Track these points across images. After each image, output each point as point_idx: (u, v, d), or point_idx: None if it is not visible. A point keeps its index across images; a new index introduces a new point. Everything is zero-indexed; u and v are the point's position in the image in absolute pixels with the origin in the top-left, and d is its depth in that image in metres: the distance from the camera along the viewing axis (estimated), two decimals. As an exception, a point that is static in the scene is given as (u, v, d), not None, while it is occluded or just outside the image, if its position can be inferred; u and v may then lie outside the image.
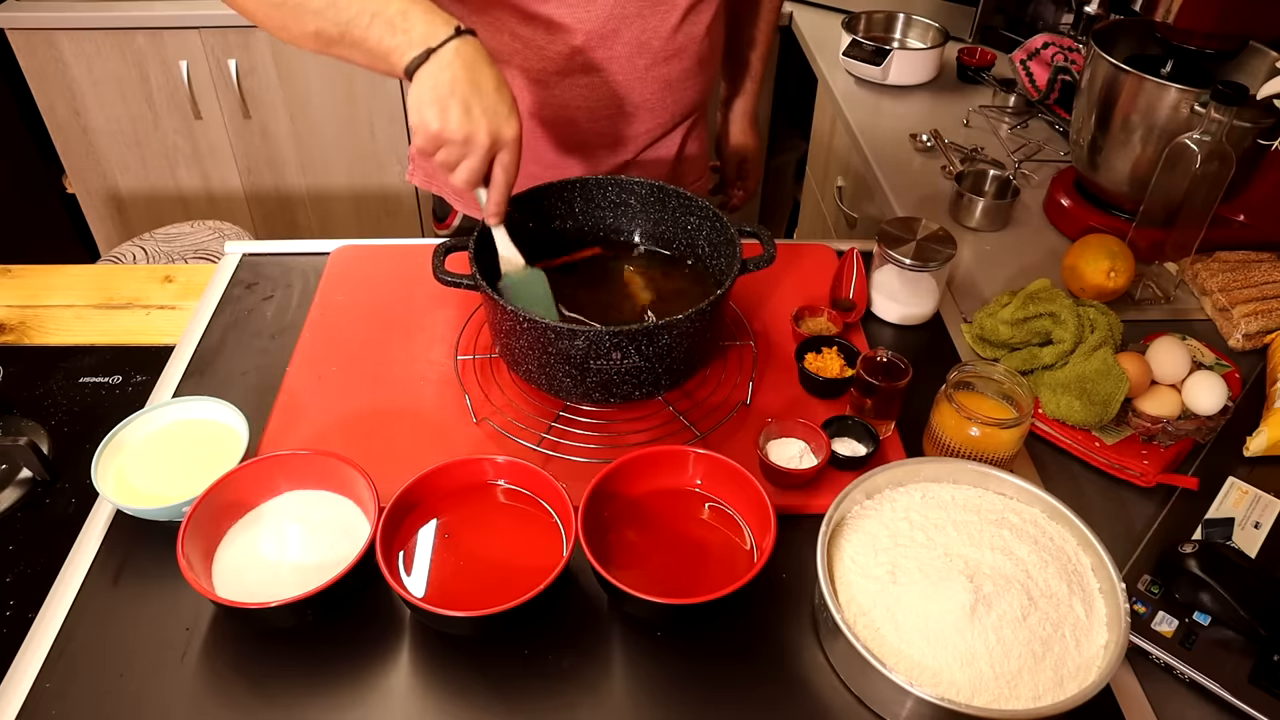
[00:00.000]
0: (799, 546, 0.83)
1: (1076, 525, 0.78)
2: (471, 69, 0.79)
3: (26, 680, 0.74)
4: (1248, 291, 1.12)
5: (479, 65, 0.80)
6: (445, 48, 0.79)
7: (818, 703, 0.74)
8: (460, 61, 0.79)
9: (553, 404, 0.95)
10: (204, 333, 1.08)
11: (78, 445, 0.95)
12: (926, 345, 1.09)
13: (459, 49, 0.79)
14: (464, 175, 0.83)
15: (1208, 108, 1.02)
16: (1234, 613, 0.77)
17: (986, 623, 0.70)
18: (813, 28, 2.03)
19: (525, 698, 0.73)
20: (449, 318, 1.07)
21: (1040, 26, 1.84)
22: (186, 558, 0.74)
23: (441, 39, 0.79)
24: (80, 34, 2.17)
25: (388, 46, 0.80)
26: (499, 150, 0.82)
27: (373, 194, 2.51)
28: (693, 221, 1.01)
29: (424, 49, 0.79)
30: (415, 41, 0.79)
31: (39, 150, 2.40)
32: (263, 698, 0.73)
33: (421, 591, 0.76)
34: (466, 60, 0.79)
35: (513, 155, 0.83)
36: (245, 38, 2.20)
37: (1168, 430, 0.92)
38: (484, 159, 0.82)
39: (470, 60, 0.79)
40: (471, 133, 0.80)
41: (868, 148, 1.56)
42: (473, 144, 0.80)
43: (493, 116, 0.80)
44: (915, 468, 0.83)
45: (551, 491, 0.81)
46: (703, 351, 0.92)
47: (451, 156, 0.82)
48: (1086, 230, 1.24)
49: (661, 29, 1.06)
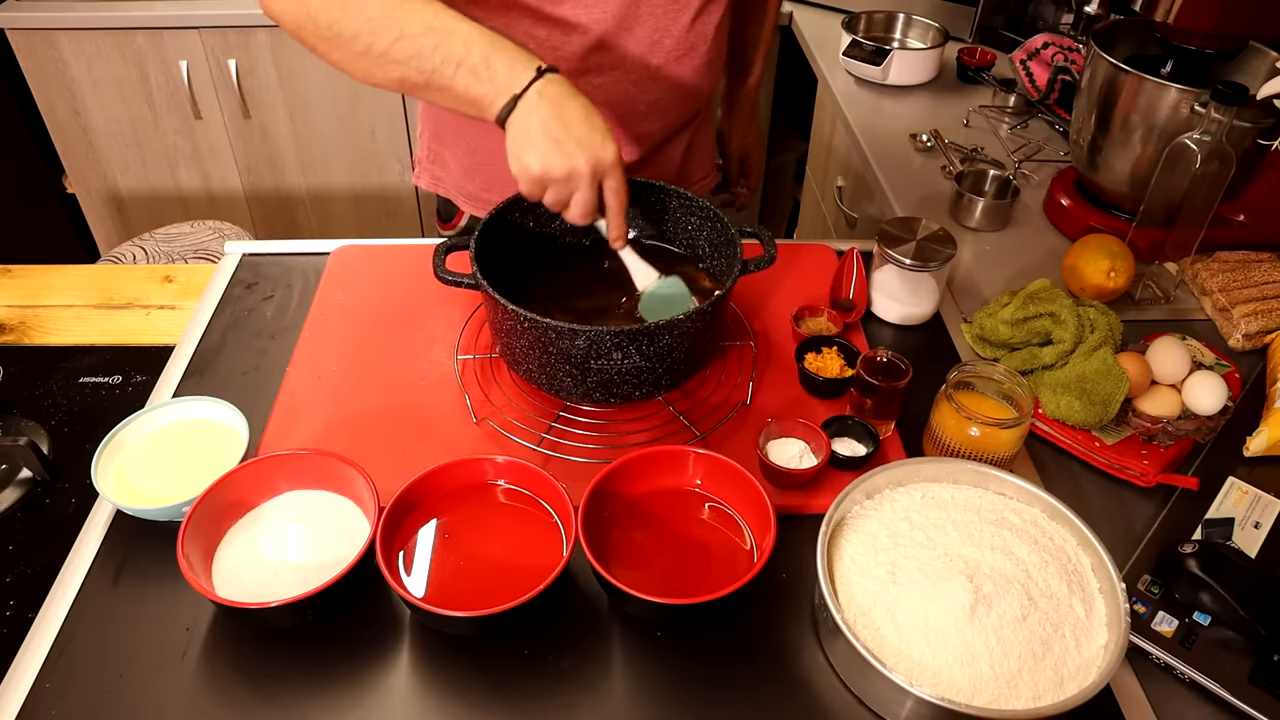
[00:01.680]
0: (799, 546, 0.83)
1: (1076, 525, 0.78)
2: (557, 106, 0.80)
3: (26, 680, 0.74)
4: (1248, 291, 1.12)
5: (564, 101, 0.81)
6: (529, 91, 0.80)
7: (818, 703, 0.74)
8: (545, 102, 0.80)
9: (553, 404, 0.95)
10: (204, 333, 1.08)
11: (78, 445, 0.95)
12: (926, 345, 1.09)
13: (542, 90, 0.80)
14: (579, 210, 0.84)
15: (1208, 108, 1.02)
16: (1234, 613, 0.77)
17: (986, 623, 0.70)
18: (813, 28, 2.03)
19: (525, 698, 0.73)
20: (449, 318, 1.07)
21: (1040, 26, 1.84)
22: (186, 558, 0.74)
23: (525, 83, 0.80)
24: (80, 34, 2.17)
25: (475, 95, 0.81)
26: (603, 176, 0.83)
27: (373, 194, 2.51)
28: (693, 222, 1.01)
29: (510, 96, 0.80)
30: (501, 89, 0.80)
31: (39, 150, 2.40)
32: (263, 698, 0.73)
33: (421, 591, 0.76)
34: (551, 99, 0.80)
35: (618, 178, 0.84)
36: (245, 38, 2.20)
37: (1168, 430, 0.92)
38: (592, 189, 0.83)
39: (555, 98, 0.80)
40: (572, 167, 0.80)
41: (868, 148, 1.56)
42: (575, 177, 0.81)
43: (588, 146, 0.81)
44: (915, 468, 0.83)
45: (551, 491, 0.81)
46: (703, 351, 0.92)
47: (560, 195, 0.83)
48: (1086, 230, 1.24)
49: (674, 28, 1.07)
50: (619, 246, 0.90)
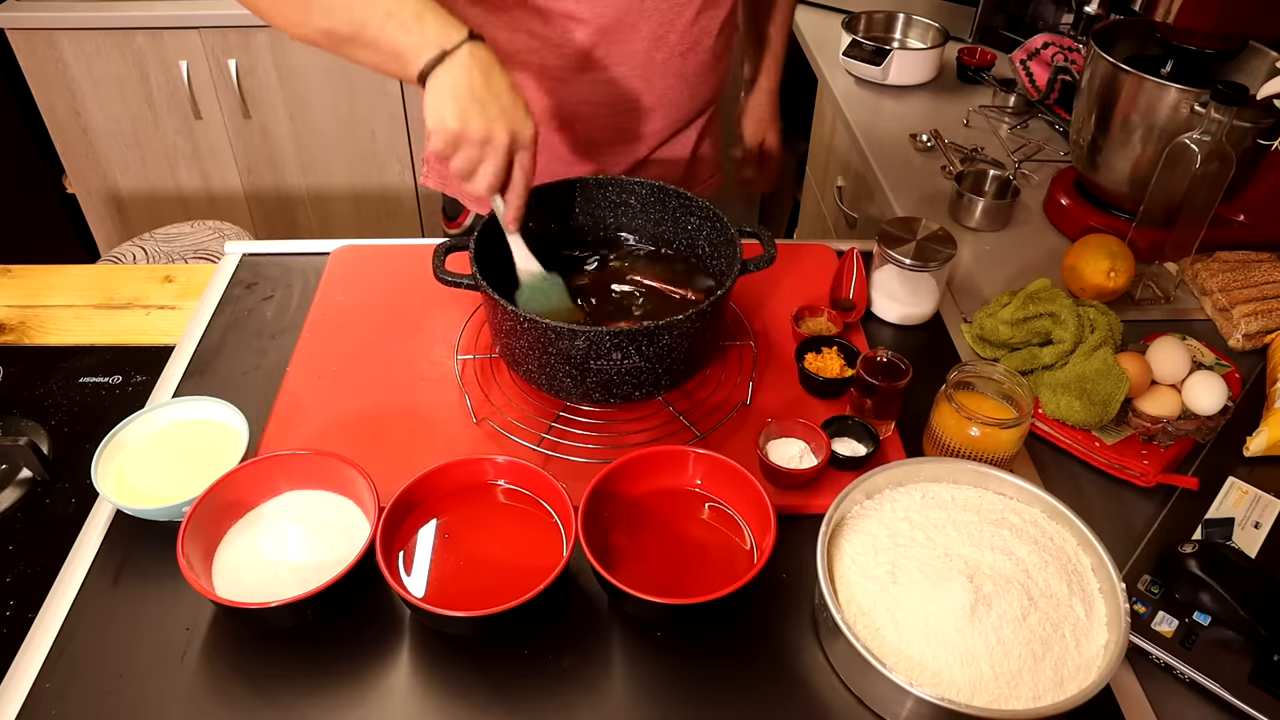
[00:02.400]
0: (799, 546, 0.83)
1: (1076, 525, 0.78)
2: (486, 72, 0.80)
3: (26, 680, 0.74)
4: (1248, 291, 1.12)
5: (493, 69, 0.81)
6: (459, 50, 0.79)
7: (818, 703, 0.74)
8: (475, 64, 0.80)
9: (553, 404, 0.95)
10: (204, 333, 1.08)
11: (78, 445, 0.95)
12: (926, 345, 1.09)
13: (473, 52, 0.80)
14: (485, 179, 0.83)
15: (1208, 108, 1.02)
16: (1234, 613, 0.77)
17: (986, 623, 0.70)
18: (813, 28, 2.03)
19: (525, 698, 0.73)
20: (449, 318, 1.07)
21: (1040, 26, 1.84)
22: (186, 558, 0.74)
23: (456, 42, 0.79)
24: (80, 34, 2.17)
25: (401, 45, 0.80)
26: (517, 150, 0.82)
27: (373, 194, 2.51)
28: (693, 221, 1.01)
29: (439, 50, 0.79)
30: (429, 43, 0.79)
31: (39, 150, 2.40)
32: (263, 698, 0.73)
33: (421, 591, 0.76)
34: (481, 63, 0.80)
35: (531, 156, 0.84)
36: (245, 38, 2.20)
37: (1168, 430, 0.92)
38: (504, 161, 0.82)
39: (485, 63, 0.80)
40: (490, 132, 0.80)
41: (868, 148, 1.56)
42: (492, 143, 0.80)
43: (510, 117, 0.80)
44: (915, 468, 0.83)
45: (551, 491, 0.80)
46: (703, 352, 0.92)
47: (470, 160, 0.82)
48: (1086, 230, 1.24)
49: (678, 23, 1.06)
50: (512, 230, 0.89)
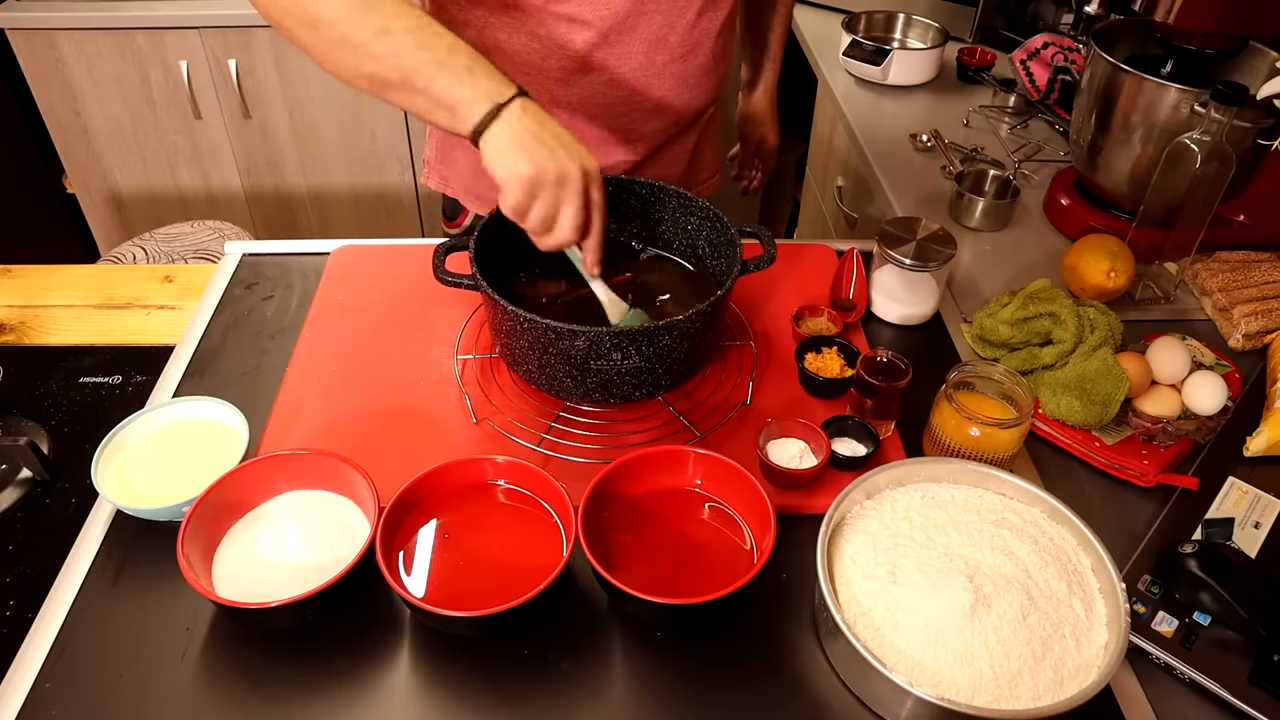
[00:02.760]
0: (799, 546, 0.83)
1: (1076, 525, 0.78)
2: (541, 121, 0.80)
3: (26, 680, 0.74)
4: (1248, 291, 1.12)
5: (545, 117, 0.81)
6: (513, 104, 0.79)
7: (818, 703, 0.74)
8: (529, 115, 0.80)
9: (553, 404, 0.95)
10: (204, 333, 1.08)
11: (78, 445, 0.95)
12: (926, 345, 1.09)
13: (525, 105, 0.80)
14: (569, 223, 0.81)
15: (1208, 108, 1.02)
16: (1234, 613, 0.77)
17: (986, 623, 0.70)
18: (813, 28, 2.03)
19: (525, 698, 0.73)
20: (449, 318, 1.07)
21: (1040, 26, 1.84)
22: (186, 558, 0.74)
23: (508, 96, 0.79)
24: (80, 34, 2.17)
25: (454, 99, 0.79)
26: (590, 186, 0.82)
27: (373, 194, 2.51)
28: (693, 221, 1.01)
29: (492, 104, 0.79)
30: (482, 97, 0.79)
31: (39, 150, 2.40)
32: (263, 698, 0.73)
33: (421, 591, 0.76)
34: (534, 114, 0.80)
35: (604, 192, 0.83)
36: (245, 38, 2.20)
37: (1168, 430, 0.92)
38: (583, 201, 0.81)
39: (537, 114, 0.80)
40: (563, 169, 0.79)
41: (868, 148, 1.56)
42: (567, 181, 0.80)
43: (576, 153, 0.80)
44: (915, 468, 0.83)
45: (551, 491, 0.80)
46: (703, 352, 0.92)
47: (549, 204, 0.80)
48: (1086, 230, 1.24)
49: (678, 24, 1.07)
50: (596, 274, 0.88)
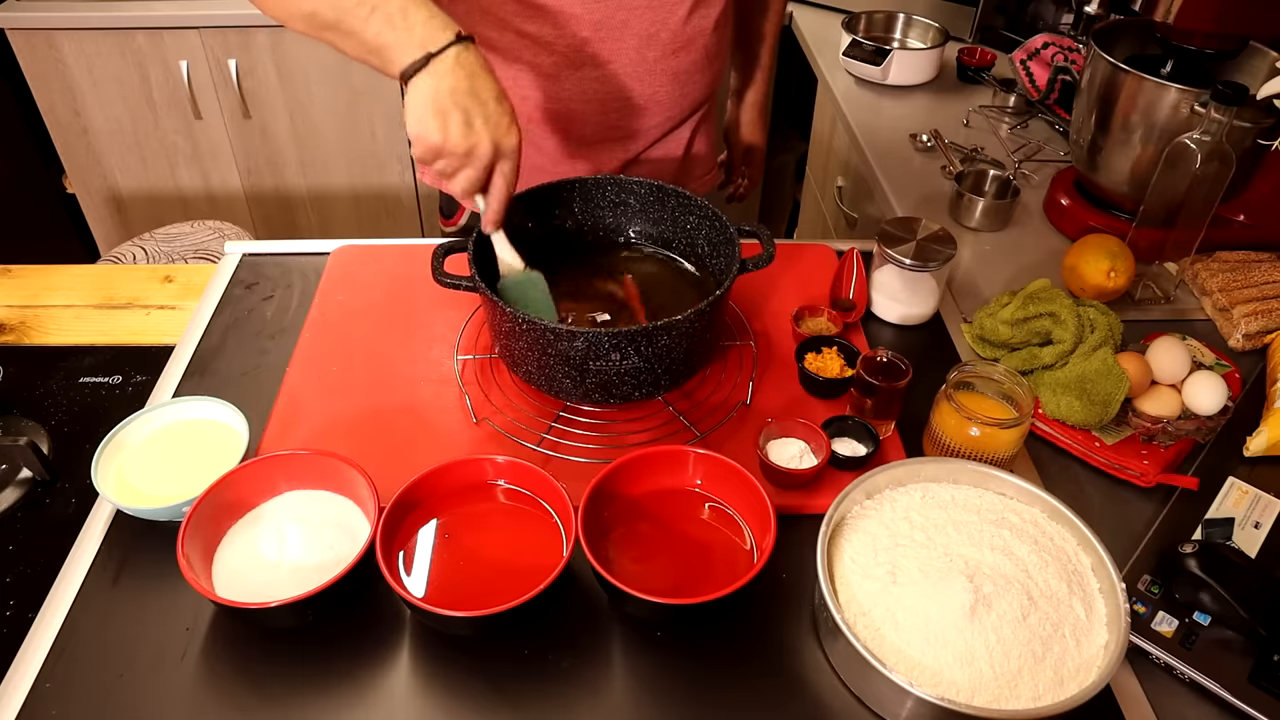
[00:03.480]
0: (799, 546, 0.83)
1: (1076, 525, 0.78)
2: (472, 78, 0.77)
3: (26, 680, 0.74)
4: (1248, 291, 1.12)
5: (479, 74, 0.78)
6: (445, 54, 0.76)
7: (818, 703, 0.74)
8: (462, 70, 0.77)
9: (553, 404, 0.95)
10: (204, 333, 1.08)
11: (78, 445, 0.95)
12: (926, 345, 1.09)
13: (459, 56, 0.77)
14: (462, 185, 0.82)
15: (1208, 108, 1.02)
16: (1234, 613, 0.77)
17: (986, 623, 0.70)
18: (813, 28, 2.03)
19: (525, 698, 0.73)
20: (449, 318, 1.07)
21: (1040, 26, 1.84)
22: (186, 558, 0.74)
23: (442, 44, 0.76)
24: (80, 34, 2.17)
25: (384, 42, 0.77)
26: (499, 159, 0.82)
27: (373, 194, 2.51)
28: (692, 221, 1.01)
29: (423, 53, 0.76)
30: (415, 42, 0.76)
31: (39, 150, 2.40)
32: (263, 698, 0.73)
33: (421, 591, 0.76)
34: (467, 69, 0.77)
35: (513, 165, 0.83)
36: (245, 38, 2.20)
37: (1168, 430, 0.92)
38: (484, 170, 0.81)
39: (471, 69, 0.77)
40: (473, 145, 0.79)
41: (868, 148, 1.56)
42: (474, 156, 0.80)
43: (495, 128, 0.79)
44: (915, 468, 0.83)
45: (551, 491, 0.80)
46: (702, 352, 0.92)
47: (450, 167, 0.81)
48: (1086, 230, 1.24)
49: (670, 21, 1.06)
50: (490, 230, 0.88)
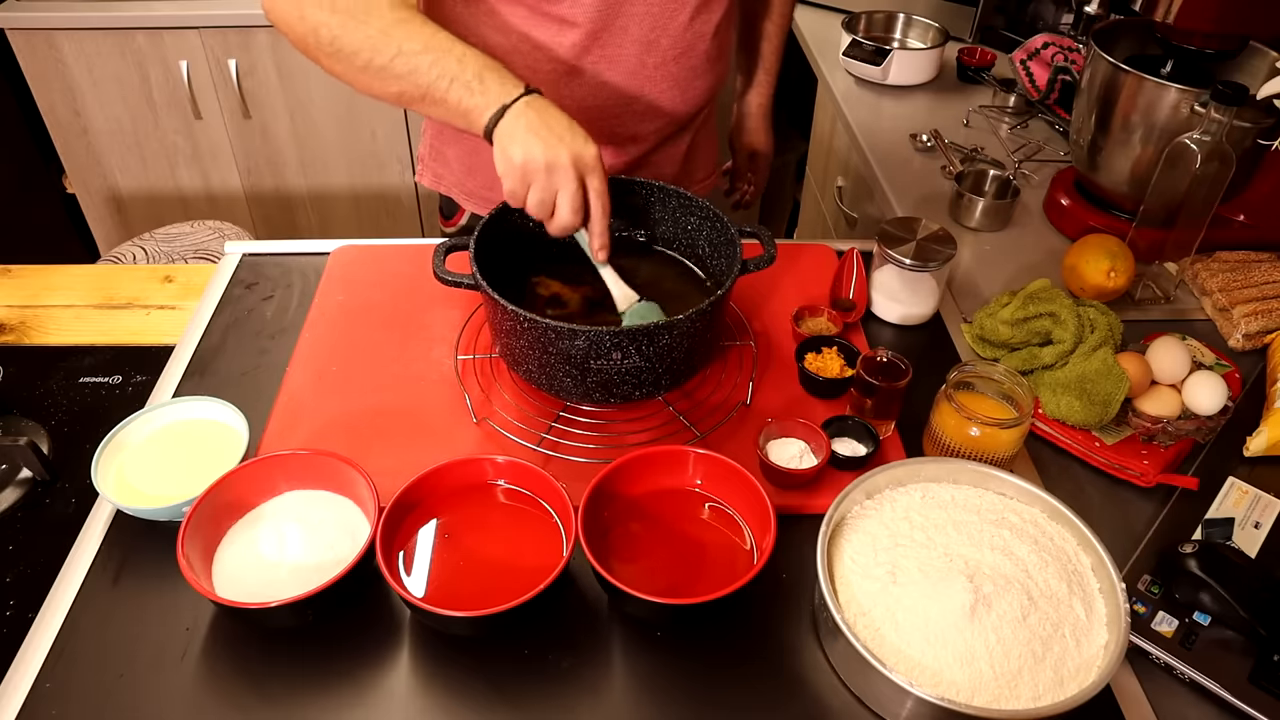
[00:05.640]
0: (799, 546, 0.83)
1: (1076, 525, 0.78)
2: (543, 113, 0.84)
3: (26, 680, 0.74)
4: (1248, 291, 1.12)
5: (549, 109, 0.85)
6: (517, 103, 0.85)
7: (818, 703, 0.74)
8: (532, 110, 0.84)
9: (553, 404, 0.95)
10: (204, 333, 1.08)
11: (78, 445, 0.95)
12: (926, 345, 1.09)
13: (530, 101, 0.85)
14: (567, 208, 0.85)
15: (1208, 108, 1.02)
16: (1234, 613, 0.77)
17: (986, 623, 0.70)
18: (813, 28, 2.03)
19: (525, 698, 0.73)
20: (449, 318, 1.07)
21: (1040, 26, 1.84)
22: (186, 558, 0.74)
23: (514, 96, 0.85)
24: (80, 34, 2.17)
25: (467, 107, 0.86)
26: (586, 174, 0.85)
27: (373, 194, 2.51)
28: (693, 221, 1.01)
29: (499, 106, 0.84)
30: (491, 102, 0.85)
31: (39, 150, 2.40)
32: (263, 698, 0.73)
33: (421, 591, 0.76)
34: (537, 108, 0.85)
35: (602, 180, 0.86)
36: (245, 38, 2.20)
37: (1168, 430, 0.92)
38: (577, 186, 0.84)
39: (540, 107, 0.85)
40: (552, 158, 0.83)
41: (868, 148, 1.56)
42: (557, 168, 0.83)
43: (570, 142, 0.84)
44: (915, 468, 0.83)
45: (551, 491, 0.80)
46: (703, 351, 0.92)
47: (545, 191, 0.84)
48: (1086, 230, 1.24)
49: (670, 27, 1.06)
50: (602, 260, 0.91)
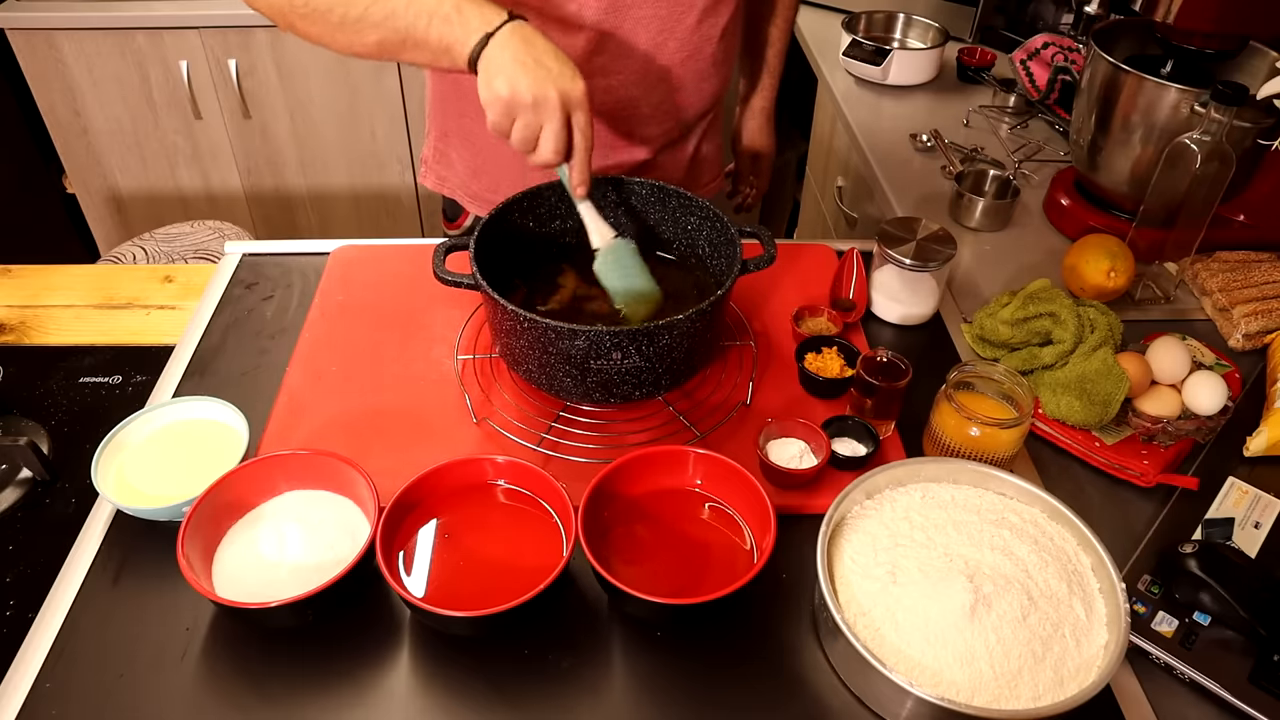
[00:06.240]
0: (799, 546, 0.83)
1: (1076, 525, 0.78)
2: (529, 43, 0.83)
3: (26, 680, 0.74)
4: (1248, 291, 1.12)
5: (535, 38, 0.84)
6: (501, 30, 0.83)
7: (818, 703, 0.74)
8: (517, 37, 0.83)
9: (553, 404, 0.95)
10: (204, 333, 1.08)
11: (78, 445, 0.95)
12: (926, 345, 1.09)
13: (514, 29, 0.83)
14: (548, 145, 0.84)
15: (1208, 108, 1.02)
16: (1234, 613, 0.77)
17: (986, 623, 0.70)
18: (813, 28, 2.03)
19: (525, 698, 0.73)
20: (449, 318, 1.07)
21: (1040, 26, 1.84)
22: (186, 558, 0.74)
23: (496, 24, 0.83)
24: (80, 34, 2.17)
25: (449, 41, 0.84)
26: (571, 110, 0.84)
27: (373, 194, 2.51)
28: (693, 222, 1.01)
29: (482, 35, 0.83)
30: (473, 31, 0.83)
31: (39, 150, 2.40)
32: (263, 698, 0.73)
33: (421, 591, 0.76)
34: (523, 36, 0.83)
35: (587, 116, 0.85)
36: (245, 38, 2.20)
37: (1168, 430, 0.92)
38: (562, 122, 0.83)
39: (526, 36, 0.83)
40: (540, 93, 0.81)
41: (868, 148, 1.56)
42: (544, 104, 0.82)
43: (558, 77, 0.82)
44: (915, 468, 0.83)
45: (551, 491, 0.81)
46: (703, 351, 0.92)
47: (529, 127, 0.83)
48: (1086, 230, 1.24)
49: (677, 30, 1.06)
50: (581, 195, 0.90)
